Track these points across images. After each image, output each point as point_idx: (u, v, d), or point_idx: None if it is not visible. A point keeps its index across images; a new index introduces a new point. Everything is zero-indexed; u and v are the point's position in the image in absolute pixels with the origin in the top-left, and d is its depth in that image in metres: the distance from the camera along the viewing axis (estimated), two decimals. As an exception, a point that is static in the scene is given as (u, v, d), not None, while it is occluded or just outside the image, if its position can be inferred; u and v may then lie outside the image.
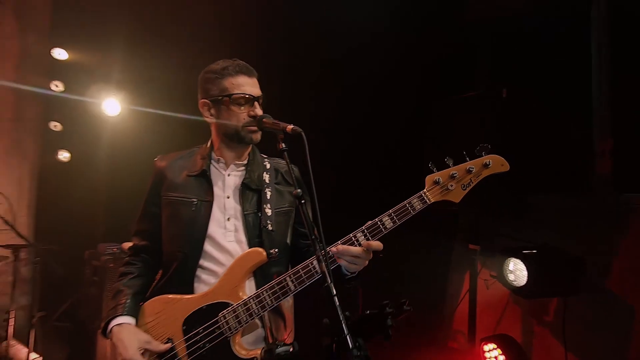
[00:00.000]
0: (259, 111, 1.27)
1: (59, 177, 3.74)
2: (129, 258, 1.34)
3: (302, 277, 1.16)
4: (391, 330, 1.05)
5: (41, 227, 3.57)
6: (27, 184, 3.80)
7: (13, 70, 3.79)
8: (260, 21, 3.58)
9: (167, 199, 1.29)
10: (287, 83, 3.31)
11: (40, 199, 3.79)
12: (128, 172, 3.45)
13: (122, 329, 1.16)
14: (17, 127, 3.82)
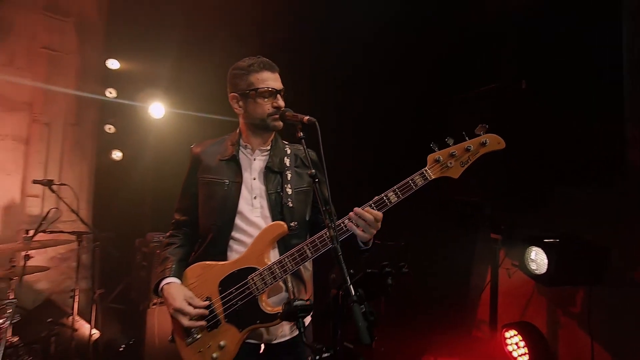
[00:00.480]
0: (281, 102, 1.46)
1: (113, 174, 4.20)
2: (172, 231, 1.58)
3: (318, 245, 1.33)
4: (391, 289, 1.18)
5: (98, 218, 4.03)
6: (86, 180, 4.29)
7: (74, 80, 4.29)
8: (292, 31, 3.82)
9: (203, 179, 1.51)
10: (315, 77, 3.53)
11: (98, 193, 4.27)
12: (171, 169, 3.80)
13: (170, 287, 1.39)
14: (78, 130, 4.33)
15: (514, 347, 2.35)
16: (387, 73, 3.39)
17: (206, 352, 1.34)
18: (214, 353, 1.33)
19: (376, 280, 1.19)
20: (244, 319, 1.34)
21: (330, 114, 3.89)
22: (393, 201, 1.35)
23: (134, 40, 4.13)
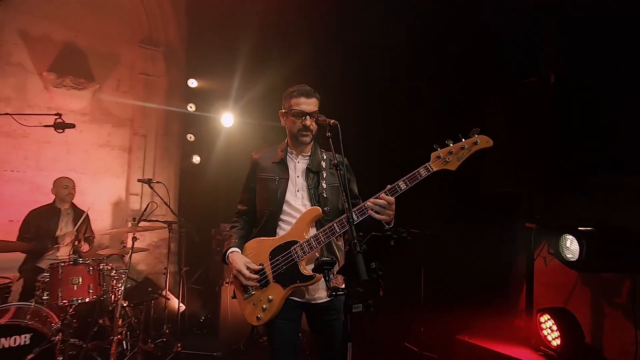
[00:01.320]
0: (307, 122, 1.84)
1: (193, 175, 5.01)
2: (235, 218, 2.05)
3: (344, 222, 1.69)
4: (392, 250, 1.47)
5: (183, 210, 4.83)
6: (173, 180, 5.18)
7: (163, 98, 5.20)
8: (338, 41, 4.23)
9: (260, 177, 1.96)
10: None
11: (182, 190, 5.13)
12: (239, 169, 4.44)
13: (233, 254, 1.86)
14: (166, 139, 5.23)
15: (549, 332, 2.41)
16: (425, 65, 3.55)
17: (258, 304, 1.77)
18: (264, 305, 1.76)
19: (381, 242, 1.49)
20: (287, 279, 1.74)
21: (375, 108, 4.19)
22: (403, 188, 1.66)
23: (209, 63, 4.89)
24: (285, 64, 4.12)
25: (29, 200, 4.02)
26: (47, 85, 4.43)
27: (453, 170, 1.65)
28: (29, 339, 2.46)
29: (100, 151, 4.86)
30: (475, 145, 1.63)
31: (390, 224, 1.74)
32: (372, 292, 1.43)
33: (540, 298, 2.65)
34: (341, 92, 3.96)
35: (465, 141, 1.65)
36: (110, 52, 4.91)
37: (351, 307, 1.35)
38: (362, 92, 3.96)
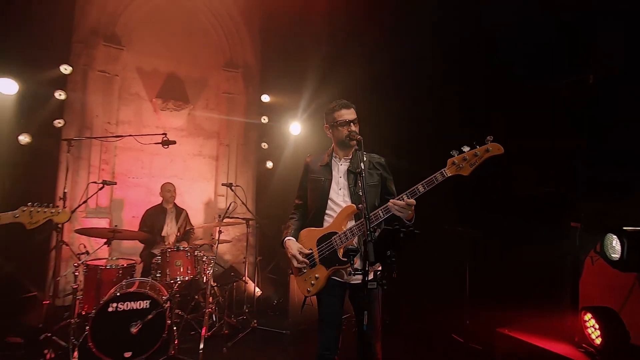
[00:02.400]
0: (352, 128, 2.23)
1: (267, 178, 5.74)
2: (293, 211, 2.53)
3: (372, 219, 2.05)
4: (401, 242, 1.77)
5: (258, 209, 5.58)
6: (250, 183, 5.98)
7: (242, 112, 6.04)
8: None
9: (311, 177, 2.40)
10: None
11: (258, 191, 5.90)
12: (305, 173, 5.05)
13: (289, 241, 2.33)
14: (245, 148, 6.06)
15: (592, 330, 2.38)
16: (467, 67, 3.63)
17: (308, 280, 2.21)
18: (312, 281, 2.19)
19: (391, 234, 1.79)
20: (329, 262, 2.15)
21: (426, 111, 4.35)
22: (422, 191, 1.95)
23: (279, 80, 5.58)
24: (343, 78, 4.56)
25: (145, 201, 5.10)
26: (156, 109, 5.53)
27: (466, 175, 1.88)
28: (148, 304, 3.27)
29: (195, 160, 5.86)
30: (487, 153, 1.84)
31: (411, 221, 2.05)
32: (387, 273, 1.74)
33: (586, 297, 2.60)
34: (394, 97, 4.25)
35: (478, 148, 1.87)
36: (201, 77, 5.90)
37: (367, 283, 1.71)
38: (409, 98, 4.19)
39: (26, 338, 3.38)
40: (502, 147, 1.82)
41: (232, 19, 5.90)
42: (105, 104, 5.11)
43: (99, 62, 5.02)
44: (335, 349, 2.25)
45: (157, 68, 5.58)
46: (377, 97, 4.27)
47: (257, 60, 6.07)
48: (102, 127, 5.05)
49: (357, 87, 4.18)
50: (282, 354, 3.54)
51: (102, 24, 5.03)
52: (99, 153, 5.05)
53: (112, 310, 3.14)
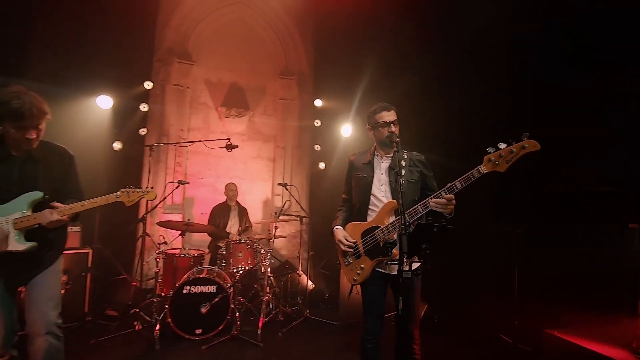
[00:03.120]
0: (393, 129, 2.40)
1: (320, 178, 6.04)
2: (341, 204, 2.75)
3: (412, 214, 2.20)
4: (434, 236, 1.89)
5: (312, 207, 5.90)
6: (304, 183, 6.33)
7: (296, 116, 6.42)
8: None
9: (354, 174, 2.61)
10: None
11: (311, 191, 6.23)
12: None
13: (337, 230, 2.54)
14: (299, 150, 6.44)
15: None
16: (541, 58, 3.52)
17: (354, 270, 2.42)
18: (358, 271, 2.40)
19: (424, 229, 1.92)
20: (372, 253, 2.34)
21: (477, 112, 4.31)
22: (459, 187, 2.05)
23: (331, 85, 5.86)
24: (393, 80, 4.70)
25: (211, 199, 5.68)
26: (220, 116, 6.13)
27: (502, 172, 1.96)
28: (215, 288, 3.72)
29: (254, 162, 6.36)
30: (523, 150, 1.90)
31: (450, 214, 2.17)
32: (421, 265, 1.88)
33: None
34: (445, 98, 4.29)
35: (514, 145, 1.93)
36: (259, 86, 6.40)
37: (402, 272, 1.88)
38: (459, 99, 4.18)
39: (119, 312, 4.03)
40: (538, 144, 1.86)
41: (287, 29, 6.31)
42: (179, 113, 5.81)
43: (174, 77, 5.73)
44: (378, 334, 2.43)
45: (221, 79, 6.18)
46: (427, 98, 4.34)
47: (310, 67, 6.41)
48: (176, 133, 5.74)
49: (407, 89, 4.29)
50: (332, 342, 3.77)
51: (176, 44, 5.73)
52: (174, 157, 5.75)
53: (186, 292, 3.64)
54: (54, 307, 2.09)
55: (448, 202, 2.07)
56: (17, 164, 2.03)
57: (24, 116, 1.91)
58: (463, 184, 2.06)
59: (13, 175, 2.02)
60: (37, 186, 2.04)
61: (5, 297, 2.02)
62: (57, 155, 2.19)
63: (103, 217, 4.37)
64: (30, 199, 2.03)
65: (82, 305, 3.89)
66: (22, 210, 2.01)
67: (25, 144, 2.00)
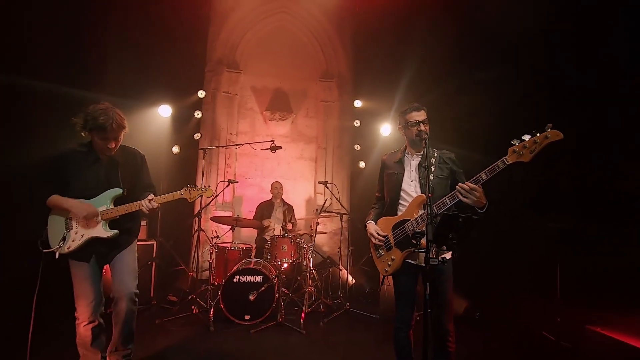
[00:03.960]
0: (422, 128, 2.51)
1: (360, 177, 6.20)
2: (375, 201, 2.91)
3: (441, 206, 2.31)
4: (461, 226, 1.97)
5: (353, 205, 6.08)
6: (345, 181, 6.53)
7: (337, 118, 6.63)
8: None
9: (386, 172, 2.76)
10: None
11: (352, 189, 6.41)
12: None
13: (369, 224, 2.70)
14: (340, 150, 6.64)
15: None
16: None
17: (385, 261, 2.56)
18: (389, 262, 2.54)
19: (450, 219, 2.00)
20: (403, 245, 2.46)
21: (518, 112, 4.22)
22: (484, 178, 2.12)
23: (370, 86, 6.00)
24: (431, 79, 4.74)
25: (257, 197, 6.08)
26: (265, 120, 6.53)
27: (526, 162, 2.01)
28: (261, 278, 4.05)
29: (297, 162, 6.68)
30: (546, 139, 1.94)
31: (482, 209, 2.24)
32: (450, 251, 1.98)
33: None
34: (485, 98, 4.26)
35: (538, 135, 1.98)
36: (301, 89, 6.71)
37: (429, 260, 2.00)
38: (499, 99, 4.12)
39: (179, 298, 4.52)
40: (561, 133, 1.89)
41: (327, 34, 6.55)
42: (228, 119, 6.29)
43: (223, 85, 6.22)
44: (409, 323, 2.56)
45: (266, 85, 6.58)
46: (465, 97, 4.34)
47: (350, 69, 6.60)
48: (226, 137, 6.23)
49: (445, 88, 4.33)
50: (371, 333, 3.92)
51: (225, 55, 6.22)
52: (224, 159, 6.25)
53: (236, 281, 4.01)
54: (133, 278, 2.56)
55: (472, 189, 2.16)
56: (103, 165, 2.47)
57: (107, 130, 2.32)
58: (488, 175, 2.14)
59: (100, 175, 2.45)
60: (118, 184, 2.47)
61: (96, 272, 2.48)
62: (131, 156, 2.61)
63: (164, 213, 4.92)
64: (113, 194, 2.46)
65: (149, 290, 4.42)
66: (106, 204, 2.45)
67: (106, 151, 2.43)
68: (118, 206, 2.45)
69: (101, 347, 2.54)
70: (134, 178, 2.58)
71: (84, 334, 2.44)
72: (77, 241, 2.37)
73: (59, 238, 2.36)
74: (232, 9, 6.18)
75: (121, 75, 4.56)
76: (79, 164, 2.42)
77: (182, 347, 3.41)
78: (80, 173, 2.41)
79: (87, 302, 2.41)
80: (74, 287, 2.42)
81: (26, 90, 3.48)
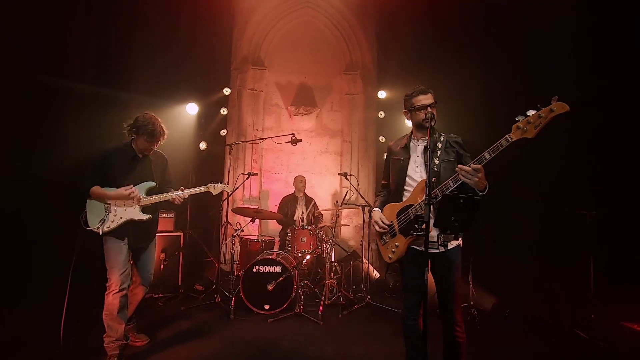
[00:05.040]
0: (428, 111, 2.40)
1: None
2: (381, 188, 2.82)
3: (444, 189, 2.19)
4: (461, 206, 1.85)
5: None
6: (371, 174, 6.42)
7: (362, 110, 6.53)
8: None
9: (392, 159, 2.67)
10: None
11: (377, 182, 6.27)
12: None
13: (375, 212, 2.62)
14: (365, 143, 6.54)
15: None
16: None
17: (389, 248, 2.47)
18: (393, 249, 2.45)
19: (450, 200, 1.88)
20: (407, 231, 2.37)
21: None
22: (487, 158, 1.98)
23: (394, 76, 5.85)
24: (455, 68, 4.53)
25: (284, 191, 6.17)
26: (290, 115, 6.60)
27: (531, 137, 1.85)
28: (280, 269, 4.10)
29: (322, 156, 6.68)
30: (551, 113, 1.77)
31: (483, 191, 2.10)
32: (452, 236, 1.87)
33: None
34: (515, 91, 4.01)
35: (542, 110, 1.81)
36: (326, 83, 6.70)
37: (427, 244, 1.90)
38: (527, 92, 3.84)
39: (205, 287, 4.71)
40: (567, 105, 1.72)
41: (350, 25, 6.48)
42: (254, 115, 6.44)
43: (249, 82, 6.37)
44: (417, 311, 2.46)
45: (290, 80, 6.65)
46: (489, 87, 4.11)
47: (374, 59, 6.47)
48: (252, 133, 6.38)
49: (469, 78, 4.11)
50: (390, 326, 3.82)
51: (250, 53, 6.37)
52: (250, 154, 6.40)
53: (256, 271, 4.09)
54: (151, 269, 3.08)
55: (475, 171, 2.02)
56: (140, 162, 2.92)
57: (154, 136, 2.84)
58: (492, 154, 2.01)
59: (137, 170, 2.89)
60: (152, 178, 2.93)
61: (127, 250, 2.83)
62: (160, 157, 3.11)
63: (193, 206, 5.15)
64: (148, 186, 2.91)
65: (177, 279, 4.65)
66: (142, 194, 2.87)
67: (146, 152, 2.91)
68: (150, 196, 2.86)
69: (124, 319, 2.80)
70: (161, 176, 3.04)
71: (112, 302, 2.71)
72: (115, 222, 2.76)
73: (99, 220, 2.75)
74: (255, 8, 6.31)
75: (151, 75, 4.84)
76: (121, 159, 2.85)
77: (203, 331, 3.56)
78: (122, 167, 2.83)
79: (120, 272, 2.73)
80: (109, 261, 2.75)
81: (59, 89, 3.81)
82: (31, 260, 3.84)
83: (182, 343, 3.26)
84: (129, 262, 2.82)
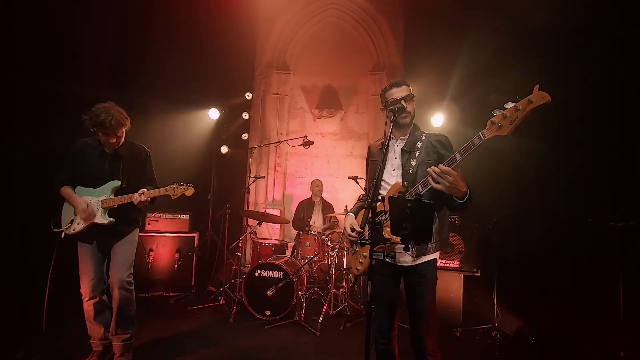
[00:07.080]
0: (402, 105, 2.13)
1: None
2: (363, 193, 2.59)
3: (413, 194, 1.90)
4: (410, 211, 1.56)
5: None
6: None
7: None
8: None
9: (370, 161, 2.42)
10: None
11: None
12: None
13: (347, 217, 2.37)
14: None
15: None
16: None
17: (357, 258, 2.21)
18: (360, 259, 2.19)
19: (398, 205, 1.58)
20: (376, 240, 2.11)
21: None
22: (459, 158, 1.69)
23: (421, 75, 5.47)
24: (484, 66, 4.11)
25: (307, 195, 6.05)
26: (314, 118, 6.50)
27: (505, 135, 1.53)
28: (281, 274, 3.99)
29: (347, 160, 6.47)
30: (530, 104, 1.44)
31: (461, 199, 1.80)
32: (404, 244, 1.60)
33: None
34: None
35: (520, 102, 1.48)
36: (351, 85, 6.49)
37: (372, 253, 1.66)
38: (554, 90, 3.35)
39: (216, 288, 4.77)
40: (547, 95, 1.38)
41: (377, 23, 6.21)
42: (279, 119, 6.45)
43: (273, 87, 6.41)
44: (389, 334, 2.18)
45: (315, 84, 6.56)
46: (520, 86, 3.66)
47: (401, 57, 6.12)
48: (276, 137, 6.39)
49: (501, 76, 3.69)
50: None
51: (274, 57, 6.41)
52: (274, 158, 6.42)
53: (258, 275, 4.03)
54: (127, 267, 2.71)
55: (443, 172, 1.73)
56: (107, 158, 2.70)
57: (106, 126, 2.54)
58: (463, 154, 1.71)
59: (105, 167, 2.69)
60: (119, 177, 2.69)
61: (96, 254, 2.73)
62: (137, 152, 2.81)
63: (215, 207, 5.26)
64: (113, 186, 2.68)
65: (190, 279, 4.77)
66: (107, 194, 2.69)
67: (108, 145, 2.66)
68: (115, 197, 2.67)
69: (104, 323, 2.78)
70: (137, 172, 2.77)
71: (87, 309, 2.72)
72: (81, 225, 2.66)
73: (68, 220, 2.70)
74: (280, 13, 6.34)
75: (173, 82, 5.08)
76: (89, 155, 2.68)
77: (197, 333, 3.58)
78: (90, 164, 2.68)
79: (88, 280, 2.68)
80: (79, 266, 2.71)
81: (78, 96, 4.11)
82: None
83: (170, 342, 3.30)
84: (101, 267, 2.71)
